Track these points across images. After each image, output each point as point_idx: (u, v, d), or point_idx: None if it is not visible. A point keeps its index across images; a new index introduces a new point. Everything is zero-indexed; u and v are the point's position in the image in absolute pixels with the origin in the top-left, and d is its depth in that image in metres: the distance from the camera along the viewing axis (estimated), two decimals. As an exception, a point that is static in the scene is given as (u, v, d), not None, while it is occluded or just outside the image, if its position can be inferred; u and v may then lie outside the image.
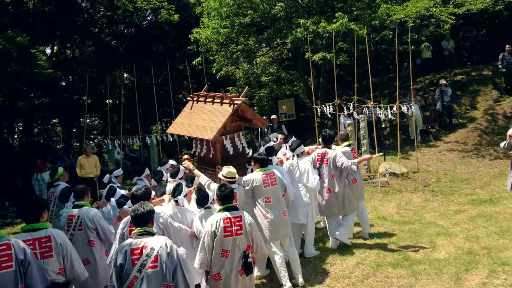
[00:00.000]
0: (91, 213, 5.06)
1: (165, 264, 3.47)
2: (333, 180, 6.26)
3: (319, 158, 6.35)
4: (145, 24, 19.81)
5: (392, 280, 5.18)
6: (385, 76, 17.95)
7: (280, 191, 5.48)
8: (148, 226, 3.66)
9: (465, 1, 11.67)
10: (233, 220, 4.21)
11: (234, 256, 4.18)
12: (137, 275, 3.43)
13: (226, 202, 4.34)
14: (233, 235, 4.18)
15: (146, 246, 3.50)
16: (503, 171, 10.10)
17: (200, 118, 6.49)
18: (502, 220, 6.91)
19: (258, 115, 6.65)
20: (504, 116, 12.48)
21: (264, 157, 5.62)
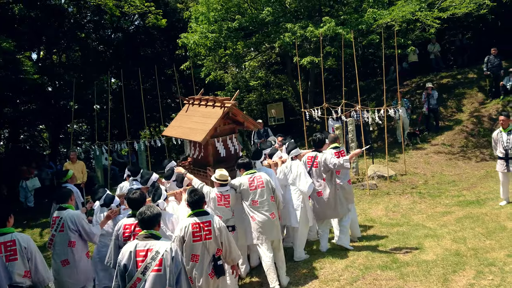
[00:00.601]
0: (73, 215, 5.19)
1: (169, 268, 3.51)
2: (323, 183, 6.31)
3: (309, 161, 6.40)
4: (132, 29, 19.72)
5: (380, 282, 5.20)
6: (372, 79, 18.11)
7: (268, 194, 5.52)
8: (154, 229, 3.71)
9: (450, 5, 11.85)
10: (202, 225, 4.27)
11: (203, 260, 4.26)
12: (141, 277, 3.50)
13: (195, 208, 4.40)
14: (202, 240, 4.26)
15: (151, 249, 3.55)
16: (489, 172, 10.23)
17: (193, 121, 6.63)
18: (488, 222, 6.98)
19: (249, 117, 6.73)
20: (490, 118, 12.65)
21: (246, 161, 5.70)
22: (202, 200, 4.44)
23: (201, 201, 4.42)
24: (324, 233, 6.57)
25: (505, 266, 5.29)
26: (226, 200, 5.43)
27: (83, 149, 14.88)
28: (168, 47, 20.10)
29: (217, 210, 5.43)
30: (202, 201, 4.45)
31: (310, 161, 6.39)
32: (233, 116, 6.36)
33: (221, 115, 6.11)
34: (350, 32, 11.24)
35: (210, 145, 6.22)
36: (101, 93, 16.28)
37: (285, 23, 12.82)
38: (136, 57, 18.36)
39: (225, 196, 5.44)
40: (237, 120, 6.48)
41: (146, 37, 19.28)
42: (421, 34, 14.01)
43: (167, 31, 18.47)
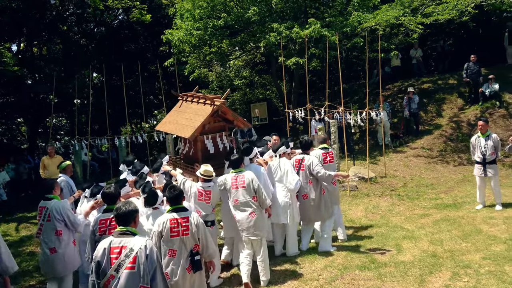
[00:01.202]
0: (59, 205, 5.39)
1: (143, 265, 3.45)
2: (309, 186, 6.34)
3: (297, 164, 6.41)
4: (116, 23, 19.46)
5: (359, 282, 5.25)
6: (355, 82, 18.30)
7: (249, 193, 5.50)
8: (130, 226, 3.64)
9: (433, 11, 12.05)
10: (180, 221, 4.28)
11: (181, 255, 4.28)
12: (114, 274, 3.43)
13: (174, 204, 4.41)
14: (180, 235, 4.27)
15: (125, 246, 3.49)
16: (466, 177, 10.45)
17: (184, 117, 6.79)
18: (465, 224, 7.12)
19: (239, 116, 6.84)
20: (468, 123, 12.92)
21: (234, 158, 5.71)
22: (180, 196, 4.45)
23: (179, 197, 4.43)
24: (306, 232, 6.64)
25: (480, 268, 5.40)
26: (207, 195, 5.54)
27: (62, 144, 14.63)
28: (152, 43, 19.91)
29: (197, 205, 5.53)
30: (181, 197, 4.46)
31: (297, 164, 6.41)
32: (222, 114, 6.45)
33: (210, 112, 6.21)
34: (335, 35, 11.33)
35: (199, 141, 6.34)
36: (82, 87, 16.02)
37: (270, 23, 12.84)
38: (119, 52, 18.12)
39: (206, 192, 5.55)
40: (227, 119, 6.57)
41: (129, 32, 19.05)
42: (404, 39, 14.22)
43: (151, 27, 18.29)
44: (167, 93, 17.50)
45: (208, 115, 6.21)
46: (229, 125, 6.72)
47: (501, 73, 13.99)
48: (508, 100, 13.12)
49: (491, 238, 6.36)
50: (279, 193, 6.26)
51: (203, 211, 5.53)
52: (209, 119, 6.31)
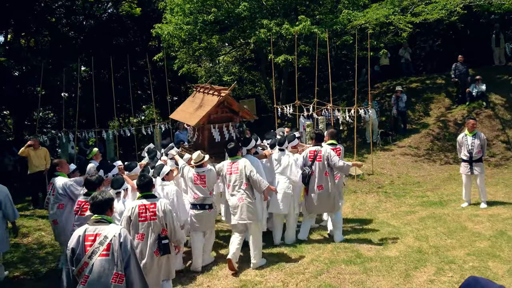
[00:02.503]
0: (62, 182, 6.00)
1: (117, 253, 3.48)
2: (326, 178, 6.35)
3: (311, 155, 6.41)
4: (105, 17, 19.24)
5: (344, 276, 5.28)
6: (344, 81, 18.38)
7: (241, 180, 5.78)
8: (106, 214, 3.70)
9: (423, 11, 12.13)
10: (148, 207, 4.53)
11: (148, 239, 4.50)
12: (88, 261, 3.45)
13: (144, 191, 4.67)
14: (148, 220, 4.52)
15: (100, 234, 3.53)
16: (452, 175, 10.57)
17: (193, 107, 7.26)
18: (450, 221, 7.20)
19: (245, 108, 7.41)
20: (455, 123, 13.07)
21: (230, 147, 5.99)
22: (150, 184, 4.72)
23: (149, 185, 4.70)
24: (308, 223, 6.76)
25: (465, 264, 5.47)
26: (202, 180, 5.87)
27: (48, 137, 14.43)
28: (141, 37, 19.74)
29: (194, 188, 5.89)
30: (150, 185, 4.72)
31: (312, 155, 6.40)
32: (228, 105, 6.85)
33: (215, 103, 6.65)
34: (325, 32, 11.36)
35: (206, 130, 6.77)
36: (70, 80, 15.82)
37: (261, 19, 12.82)
38: (108, 46, 17.89)
39: (201, 176, 5.88)
40: (233, 109, 6.96)
41: (119, 25, 18.83)
42: (393, 38, 14.31)
43: (141, 21, 18.12)
44: (156, 87, 17.38)
45: (214, 105, 6.63)
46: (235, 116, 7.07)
47: (488, 74, 14.17)
48: (495, 101, 13.30)
49: (476, 235, 6.44)
50: (281, 185, 6.50)
51: (201, 194, 5.86)
52: (215, 109, 6.72)
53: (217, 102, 6.63)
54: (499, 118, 12.77)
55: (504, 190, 8.94)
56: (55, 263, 6.80)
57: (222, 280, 5.57)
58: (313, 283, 5.19)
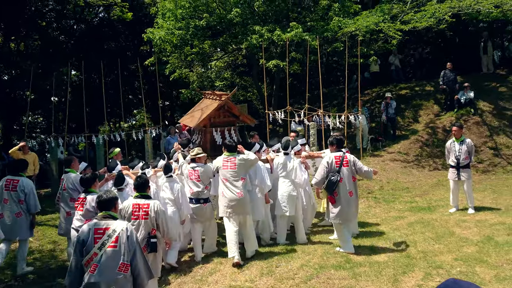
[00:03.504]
0: (72, 177, 6.54)
1: (124, 245, 3.85)
2: (354, 183, 6.26)
3: (338, 161, 6.22)
4: (96, 21, 19.21)
5: (334, 281, 5.31)
6: (335, 87, 18.52)
7: (238, 175, 6.14)
8: (111, 211, 4.10)
9: (412, 18, 12.30)
10: (141, 206, 4.91)
11: (138, 236, 4.73)
12: (97, 252, 3.80)
13: (139, 191, 5.06)
14: (139, 219, 4.89)
15: (108, 228, 3.90)
16: (441, 181, 10.69)
17: (198, 111, 7.72)
18: (438, 227, 7.27)
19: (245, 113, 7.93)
20: (444, 130, 13.22)
21: (230, 144, 6.36)
22: (145, 185, 5.07)
23: (144, 186, 5.05)
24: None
25: (452, 269, 5.52)
26: (196, 174, 6.30)
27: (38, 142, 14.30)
28: (132, 41, 19.73)
29: (189, 184, 6.36)
30: (146, 186, 5.08)
31: (338, 161, 6.23)
32: (229, 109, 7.28)
33: (215, 107, 7.08)
34: (316, 39, 11.45)
35: (208, 133, 7.21)
36: (60, 84, 15.73)
37: (252, 25, 12.89)
38: (98, 50, 17.87)
39: (195, 171, 6.31)
40: (233, 114, 7.38)
41: (110, 30, 18.83)
42: (383, 45, 14.47)
43: (133, 25, 18.13)
44: (147, 92, 17.35)
45: (214, 109, 7.09)
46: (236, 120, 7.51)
47: (476, 82, 14.39)
48: (483, 108, 13.50)
49: (463, 240, 6.50)
50: (286, 188, 6.73)
51: (195, 188, 6.32)
52: (215, 113, 7.17)
53: (217, 106, 7.07)
54: (487, 124, 12.96)
55: (492, 196, 9.05)
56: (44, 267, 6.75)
57: (212, 286, 5.57)
58: (303, 288, 5.21)
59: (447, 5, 11.74)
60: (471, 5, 11.55)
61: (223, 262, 6.24)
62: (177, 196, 6.20)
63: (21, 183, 6.55)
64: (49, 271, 6.74)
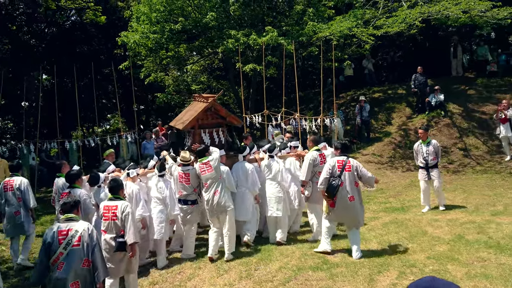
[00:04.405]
0: (62, 181, 6.89)
1: (86, 243, 4.25)
2: (356, 189, 6.21)
3: (340, 165, 6.20)
4: (68, 24, 18.86)
5: (311, 282, 5.38)
6: (311, 90, 18.75)
7: (215, 176, 6.35)
8: (73, 213, 4.41)
9: (384, 24, 12.59)
10: (111, 208, 5.20)
11: (108, 235, 5.13)
12: (63, 252, 4.19)
13: (112, 193, 5.32)
14: (109, 220, 5.19)
15: (71, 229, 4.28)
16: (413, 182, 10.93)
17: (187, 113, 7.87)
18: (411, 226, 7.46)
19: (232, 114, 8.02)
20: (415, 131, 13.52)
21: (199, 149, 6.56)
22: (118, 187, 5.31)
23: (117, 188, 5.30)
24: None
25: (425, 267, 5.68)
26: (186, 178, 6.53)
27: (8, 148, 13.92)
28: (106, 45, 19.44)
29: (179, 186, 6.61)
30: (119, 189, 5.32)
31: (340, 165, 6.22)
32: (216, 111, 7.45)
33: (202, 108, 7.26)
34: (291, 43, 11.59)
35: (197, 134, 7.35)
36: (31, 89, 15.36)
37: (228, 29, 12.94)
38: (71, 54, 17.54)
39: (185, 174, 6.53)
40: (221, 115, 7.52)
41: (82, 33, 18.52)
42: (356, 50, 14.76)
43: (106, 29, 17.88)
44: (121, 96, 17.14)
45: (201, 111, 7.24)
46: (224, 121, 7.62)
47: (446, 85, 14.83)
48: (452, 110, 13.92)
49: (435, 239, 6.69)
50: (273, 189, 6.97)
51: (184, 191, 6.57)
52: (203, 115, 7.32)
53: (204, 107, 7.22)
54: (457, 126, 13.36)
55: (462, 196, 9.34)
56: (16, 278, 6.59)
57: (191, 290, 5.57)
58: (281, 290, 5.27)
59: (417, 10, 12.07)
60: (440, 10, 11.90)
61: (201, 267, 6.24)
62: (165, 196, 6.46)
63: (16, 181, 7.04)
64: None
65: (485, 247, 6.13)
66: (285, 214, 7.05)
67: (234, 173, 6.92)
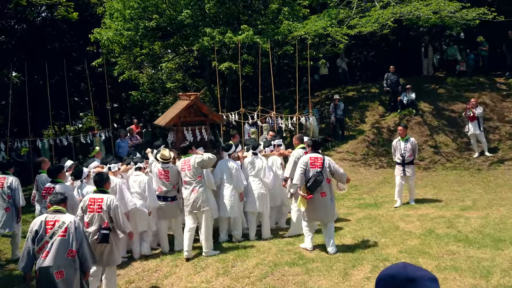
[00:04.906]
0: (43, 178, 7.10)
1: (72, 235, 4.44)
2: (328, 185, 6.32)
3: (313, 161, 6.29)
4: (39, 21, 18.39)
5: (288, 277, 5.47)
6: (286, 89, 18.89)
7: (195, 174, 6.41)
8: (60, 206, 4.64)
9: (357, 23, 12.82)
10: (96, 200, 5.27)
11: (92, 227, 5.21)
12: (48, 240, 4.38)
13: (98, 186, 5.43)
14: (94, 212, 5.24)
15: (58, 220, 4.48)
16: (386, 178, 11.21)
17: (171, 111, 7.95)
18: (384, 222, 7.66)
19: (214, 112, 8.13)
20: (388, 129, 13.88)
21: (183, 146, 6.68)
22: (102, 181, 5.41)
23: (102, 182, 5.40)
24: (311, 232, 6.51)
25: (397, 261, 5.82)
26: (166, 175, 6.67)
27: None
28: (78, 42, 19.06)
29: (158, 182, 6.73)
30: (103, 182, 5.41)
31: (313, 161, 6.28)
32: (198, 109, 7.52)
33: (184, 106, 7.36)
34: (267, 42, 11.67)
35: (180, 132, 7.43)
36: (1, 87, 14.94)
37: (203, 27, 12.90)
38: (42, 51, 17.13)
39: (165, 171, 6.67)
40: (203, 113, 7.60)
41: (54, 30, 18.10)
42: (331, 49, 14.97)
43: (78, 26, 17.52)
44: (94, 94, 16.85)
45: (183, 108, 7.33)
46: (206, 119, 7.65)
47: (418, 83, 15.21)
48: (423, 108, 14.29)
49: (407, 234, 6.89)
50: (255, 186, 7.10)
51: (164, 187, 6.69)
52: (185, 112, 7.39)
53: (186, 105, 7.32)
54: (428, 124, 13.74)
55: (433, 192, 9.63)
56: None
57: (168, 288, 5.57)
58: (258, 286, 5.33)
59: (390, 11, 12.35)
60: (412, 11, 12.21)
61: (178, 265, 6.24)
62: (144, 188, 6.62)
63: (7, 180, 7.17)
64: None
65: (454, 240, 6.35)
66: (266, 211, 7.16)
67: (219, 170, 6.98)
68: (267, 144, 7.88)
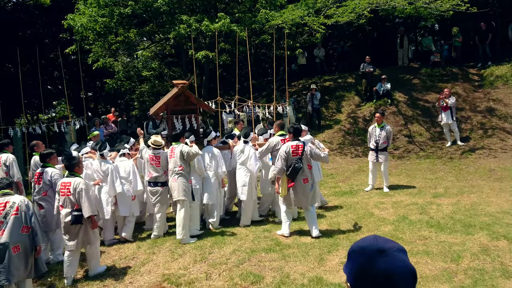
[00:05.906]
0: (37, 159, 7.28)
1: (24, 212, 4.84)
2: (309, 171, 6.43)
3: (294, 149, 6.35)
4: (9, 6, 17.79)
5: (265, 263, 5.54)
6: (264, 79, 18.90)
7: (176, 162, 6.65)
8: (8, 189, 4.99)
9: (334, 13, 12.90)
10: (66, 184, 5.56)
11: (66, 210, 5.50)
12: (3, 220, 4.74)
13: (68, 170, 5.68)
14: (65, 195, 5.51)
15: (9, 201, 4.86)
16: (361, 167, 11.41)
17: (163, 100, 8.07)
18: (359, 209, 7.82)
19: (202, 101, 8.33)
20: (364, 119, 14.08)
21: (175, 133, 6.96)
22: (72, 166, 5.64)
23: (72, 166, 5.64)
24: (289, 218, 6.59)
25: (371, 246, 5.99)
26: (157, 160, 6.84)
27: None
28: (51, 28, 18.55)
29: (149, 168, 6.91)
30: (74, 167, 5.65)
31: (295, 149, 6.35)
32: (186, 97, 7.65)
33: (172, 94, 7.55)
34: (244, 30, 11.61)
35: (170, 120, 7.65)
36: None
37: (180, 14, 12.74)
38: (13, 38, 16.60)
39: (156, 157, 6.85)
40: (191, 102, 7.73)
41: (25, 16, 17.54)
42: (308, 38, 15.03)
43: (51, 11, 17.05)
44: (68, 82, 16.46)
45: (171, 97, 7.52)
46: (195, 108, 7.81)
47: (393, 74, 15.47)
48: (398, 98, 14.55)
49: (381, 220, 7.07)
50: (241, 174, 7.26)
51: (154, 172, 6.85)
52: (174, 101, 7.57)
53: (174, 94, 7.46)
54: (402, 114, 14.01)
55: (406, 180, 9.87)
56: None
57: (145, 275, 5.55)
58: (235, 272, 5.38)
59: (366, 1, 12.47)
60: (387, 1, 12.37)
61: (155, 252, 6.23)
62: (129, 173, 6.85)
63: (3, 158, 7.40)
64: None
65: (426, 226, 6.54)
66: (249, 198, 7.24)
67: (201, 157, 7.03)
68: (263, 131, 8.06)
